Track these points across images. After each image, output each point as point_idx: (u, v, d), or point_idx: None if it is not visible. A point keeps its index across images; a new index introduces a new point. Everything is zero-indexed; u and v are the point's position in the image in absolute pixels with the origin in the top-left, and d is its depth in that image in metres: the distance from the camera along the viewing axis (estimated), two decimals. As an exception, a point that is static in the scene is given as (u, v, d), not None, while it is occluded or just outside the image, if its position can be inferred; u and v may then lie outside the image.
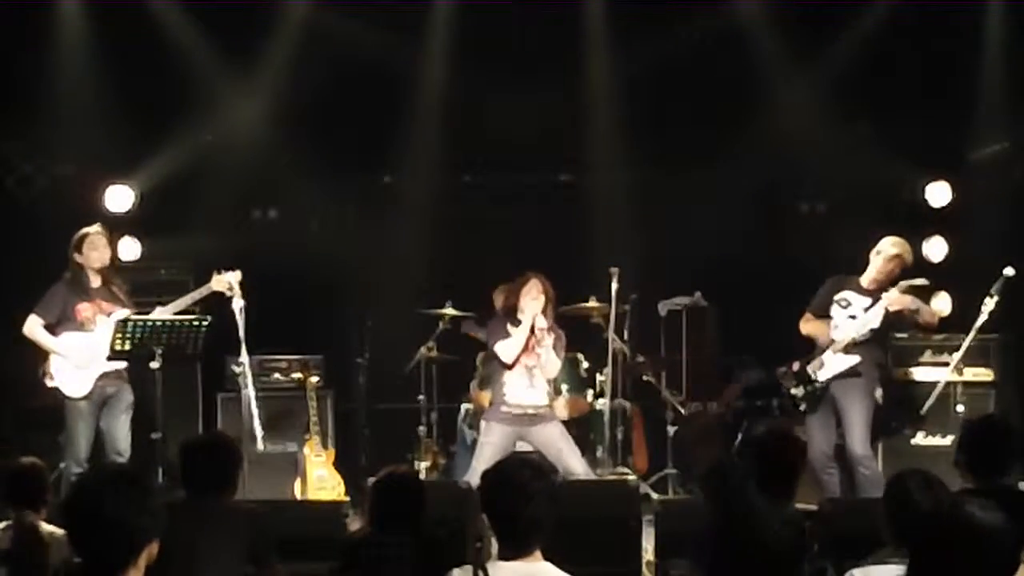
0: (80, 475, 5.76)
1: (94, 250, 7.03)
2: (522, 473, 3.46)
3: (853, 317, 7.04)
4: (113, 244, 7.17)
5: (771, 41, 8.87)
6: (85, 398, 6.94)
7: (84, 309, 6.96)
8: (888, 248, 7.05)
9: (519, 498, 3.37)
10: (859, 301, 7.05)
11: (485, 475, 3.57)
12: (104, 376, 6.96)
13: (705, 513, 4.40)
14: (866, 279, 7.10)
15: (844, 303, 7.10)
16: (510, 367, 7.02)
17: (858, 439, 6.90)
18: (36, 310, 7.00)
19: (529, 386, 7.04)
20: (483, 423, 7.18)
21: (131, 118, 8.48)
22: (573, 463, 6.92)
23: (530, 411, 7.02)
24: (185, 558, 4.26)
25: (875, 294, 7.00)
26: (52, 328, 6.98)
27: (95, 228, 7.12)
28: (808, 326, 7.18)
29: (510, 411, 7.01)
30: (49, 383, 7.00)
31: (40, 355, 7.07)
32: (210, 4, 8.54)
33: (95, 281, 7.06)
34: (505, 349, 7.00)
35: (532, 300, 7.00)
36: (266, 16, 8.77)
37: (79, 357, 6.92)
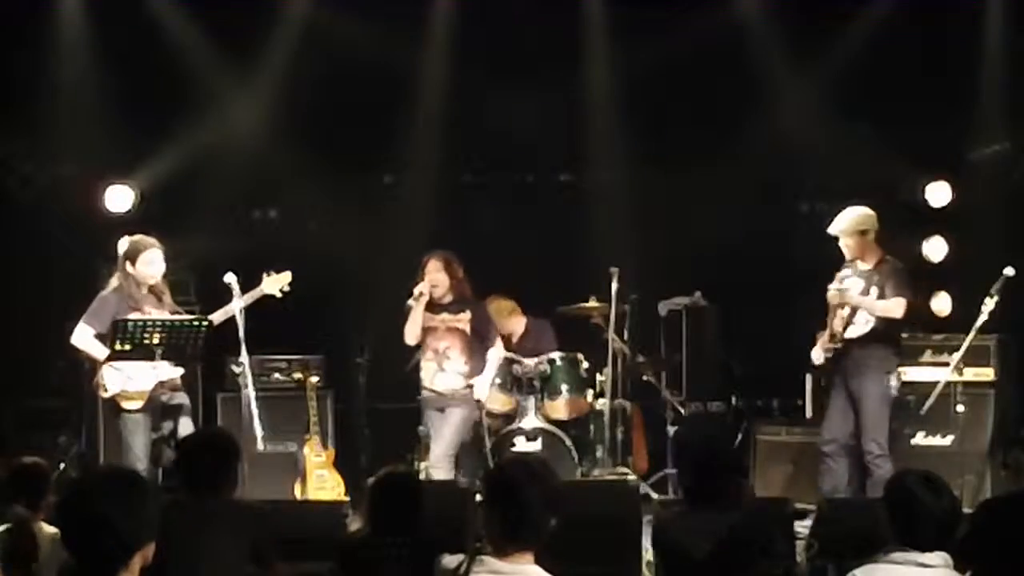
0: (80, 477, 5.74)
1: (147, 266, 6.87)
2: (528, 473, 3.45)
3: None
4: (166, 258, 7.00)
5: (771, 41, 8.87)
6: (141, 410, 6.76)
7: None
8: (847, 229, 7.04)
9: (521, 497, 3.37)
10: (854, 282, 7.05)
11: (491, 471, 3.56)
12: (160, 385, 6.81)
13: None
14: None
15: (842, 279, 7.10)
16: (419, 348, 7.24)
17: (872, 436, 6.85)
18: (85, 319, 6.81)
19: (439, 370, 7.19)
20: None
21: (131, 118, 8.49)
22: (439, 447, 7.15)
23: (443, 392, 7.22)
24: (187, 556, 4.27)
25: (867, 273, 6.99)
26: (103, 338, 6.78)
27: (151, 242, 6.94)
28: None
29: (428, 395, 7.27)
30: (104, 395, 6.80)
31: (92, 364, 6.95)
32: (210, 4, 8.55)
33: (143, 289, 6.93)
34: (406, 331, 7.23)
35: (426, 278, 7.17)
36: (266, 16, 8.77)
37: (132, 366, 6.73)
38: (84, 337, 6.83)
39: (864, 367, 6.92)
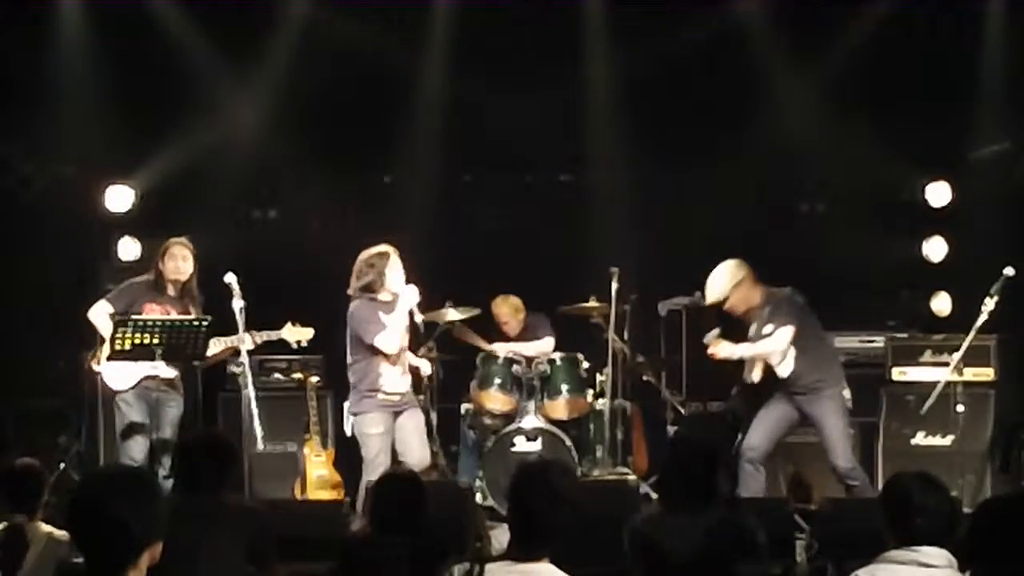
0: (89, 475, 5.75)
1: (171, 260, 7.04)
2: (560, 480, 3.46)
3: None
4: (196, 258, 7.11)
5: (771, 41, 8.87)
6: (129, 390, 6.88)
7: (151, 310, 6.91)
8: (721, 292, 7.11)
9: (551, 502, 3.37)
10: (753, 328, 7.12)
11: (520, 471, 3.55)
12: (149, 378, 6.89)
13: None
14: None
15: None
16: (391, 357, 6.88)
17: (840, 454, 6.85)
18: (107, 298, 7.02)
19: (403, 372, 6.98)
20: (357, 416, 6.90)
21: (131, 118, 8.49)
22: (419, 453, 6.90)
23: (405, 397, 6.97)
24: (185, 557, 4.26)
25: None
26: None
27: (180, 240, 7.12)
28: None
29: (387, 398, 6.88)
30: (95, 367, 6.98)
31: (96, 341, 7.04)
32: (210, 4, 8.55)
33: (172, 289, 7.05)
34: (388, 341, 6.81)
35: (400, 276, 6.92)
36: (266, 16, 8.77)
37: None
38: (99, 313, 6.95)
39: (817, 390, 6.92)
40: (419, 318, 7.02)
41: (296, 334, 7.25)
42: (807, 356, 6.94)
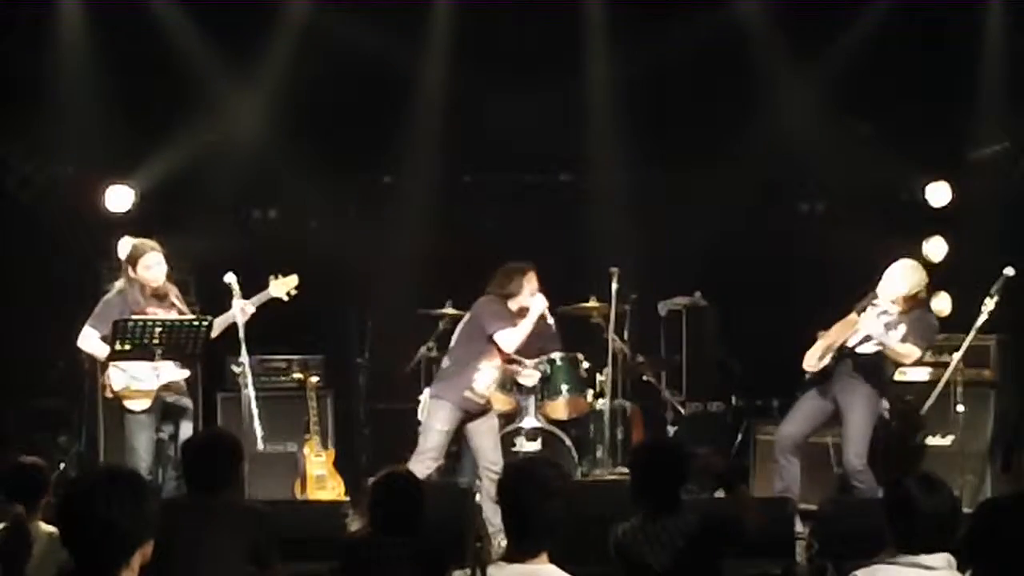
0: (79, 476, 5.75)
1: (147, 270, 6.87)
2: (546, 472, 3.47)
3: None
4: (169, 259, 6.99)
5: (771, 41, 8.87)
6: (145, 411, 6.78)
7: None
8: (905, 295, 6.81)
9: (540, 496, 3.38)
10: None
11: (507, 470, 3.56)
12: (165, 388, 6.83)
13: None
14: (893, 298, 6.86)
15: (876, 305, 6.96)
16: (495, 355, 6.91)
17: (855, 451, 6.78)
18: (90, 323, 6.85)
19: (493, 380, 6.99)
20: (435, 400, 6.89)
21: (131, 118, 8.50)
22: (491, 456, 6.90)
23: (486, 403, 6.99)
24: (187, 555, 4.27)
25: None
26: (107, 340, 6.76)
27: (150, 245, 6.94)
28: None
29: (472, 399, 6.87)
30: (109, 395, 6.86)
31: (99, 366, 6.99)
32: (210, 4, 8.55)
33: (146, 292, 6.92)
34: (510, 338, 6.85)
35: (537, 293, 6.94)
36: (266, 16, 8.78)
37: (137, 368, 6.75)
38: (89, 340, 6.87)
39: (858, 382, 6.85)
40: (551, 320, 7.22)
41: (283, 286, 7.11)
42: (878, 360, 6.85)
